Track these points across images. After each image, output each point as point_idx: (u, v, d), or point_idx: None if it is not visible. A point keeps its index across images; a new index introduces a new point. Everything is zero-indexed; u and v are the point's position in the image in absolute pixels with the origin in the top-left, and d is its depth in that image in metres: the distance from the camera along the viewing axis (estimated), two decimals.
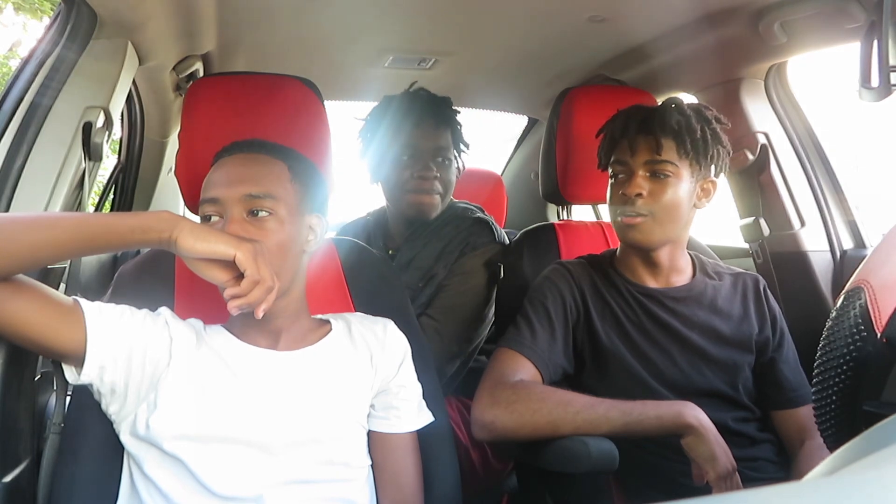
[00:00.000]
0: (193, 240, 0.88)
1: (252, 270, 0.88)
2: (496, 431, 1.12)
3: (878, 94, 0.98)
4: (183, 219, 0.90)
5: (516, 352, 1.20)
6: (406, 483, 1.06)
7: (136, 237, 0.89)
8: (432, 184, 1.60)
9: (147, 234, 0.88)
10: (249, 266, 0.88)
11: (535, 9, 1.58)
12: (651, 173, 1.22)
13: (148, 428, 0.93)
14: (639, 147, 1.22)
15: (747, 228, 1.72)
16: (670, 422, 1.05)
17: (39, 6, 5.55)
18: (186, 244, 0.88)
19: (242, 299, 0.88)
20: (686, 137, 1.22)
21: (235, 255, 0.88)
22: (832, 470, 0.39)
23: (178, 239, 0.88)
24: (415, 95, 1.66)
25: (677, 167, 1.22)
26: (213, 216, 0.96)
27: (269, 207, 0.96)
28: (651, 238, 1.23)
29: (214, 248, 0.88)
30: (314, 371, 1.02)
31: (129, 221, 0.89)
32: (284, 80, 1.29)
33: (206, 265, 0.90)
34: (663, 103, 1.28)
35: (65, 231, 0.87)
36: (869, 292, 0.57)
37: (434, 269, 1.63)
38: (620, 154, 1.25)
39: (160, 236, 0.88)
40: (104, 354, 0.92)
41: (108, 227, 0.89)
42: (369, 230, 1.79)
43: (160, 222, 0.89)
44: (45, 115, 1.18)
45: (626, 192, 1.22)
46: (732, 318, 1.28)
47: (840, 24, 1.35)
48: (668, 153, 1.21)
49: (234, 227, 0.93)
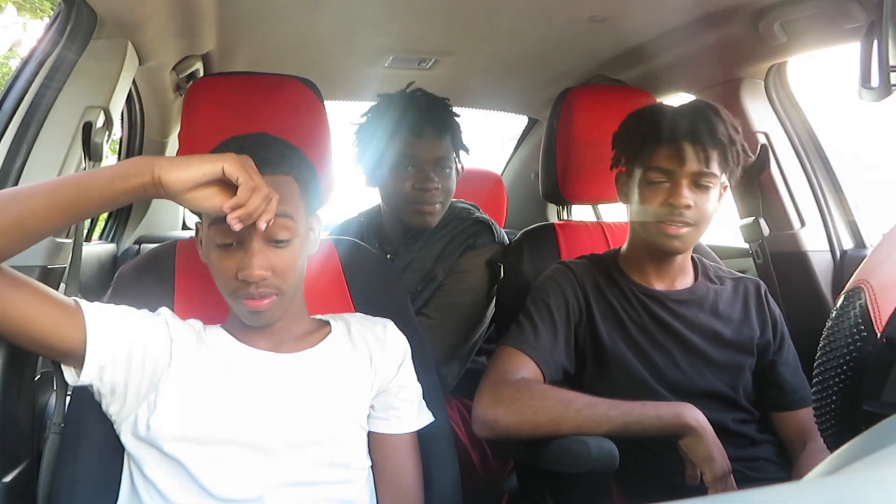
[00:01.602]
0: (177, 171, 0.85)
1: (244, 178, 0.86)
2: (498, 430, 1.12)
3: (878, 94, 0.98)
4: (158, 157, 0.88)
5: (518, 350, 1.20)
6: (406, 483, 1.06)
7: (118, 186, 0.86)
8: (433, 194, 1.57)
9: (128, 181, 0.86)
10: (241, 174, 0.86)
11: (535, 9, 1.58)
12: (695, 183, 1.20)
13: (148, 429, 0.93)
14: (687, 156, 1.19)
15: (747, 228, 1.72)
16: (670, 422, 1.05)
17: (40, 6, 5.55)
18: (172, 177, 0.85)
19: (242, 209, 0.85)
20: (729, 150, 1.20)
21: (223, 168, 0.86)
22: (832, 470, 0.39)
23: (162, 176, 0.85)
24: (412, 100, 1.62)
25: (717, 177, 1.21)
26: (232, 242, 0.93)
27: (287, 232, 0.94)
28: (689, 245, 1.23)
29: (201, 169, 0.86)
30: (314, 373, 1.02)
31: (106, 173, 0.87)
32: (284, 80, 1.29)
33: (202, 196, 0.87)
34: (702, 107, 1.24)
35: (46, 196, 0.86)
36: (869, 292, 0.57)
37: (433, 272, 1.62)
38: (663, 161, 1.20)
39: (143, 180, 0.85)
40: (104, 354, 0.91)
41: (88, 184, 0.87)
42: (362, 232, 1.76)
43: (137, 166, 0.86)
44: (45, 115, 1.18)
45: (675, 202, 1.18)
46: (733, 322, 1.28)
47: (840, 24, 1.35)
48: (714, 165, 1.19)
49: (258, 260, 0.91)
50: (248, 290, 0.93)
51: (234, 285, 0.94)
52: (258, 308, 0.94)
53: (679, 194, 1.18)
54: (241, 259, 0.93)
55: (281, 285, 0.95)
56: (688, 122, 1.20)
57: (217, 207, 0.87)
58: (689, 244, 1.23)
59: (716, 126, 1.20)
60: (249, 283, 0.92)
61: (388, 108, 1.62)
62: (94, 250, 2.07)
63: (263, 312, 0.95)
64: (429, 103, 1.62)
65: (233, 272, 0.93)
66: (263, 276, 0.92)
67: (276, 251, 0.94)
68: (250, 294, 0.93)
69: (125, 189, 0.86)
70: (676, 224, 1.19)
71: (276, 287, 0.94)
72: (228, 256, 0.94)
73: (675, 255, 1.26)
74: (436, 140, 1.58)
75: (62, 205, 0.86)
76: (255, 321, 0.98)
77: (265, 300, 0.94)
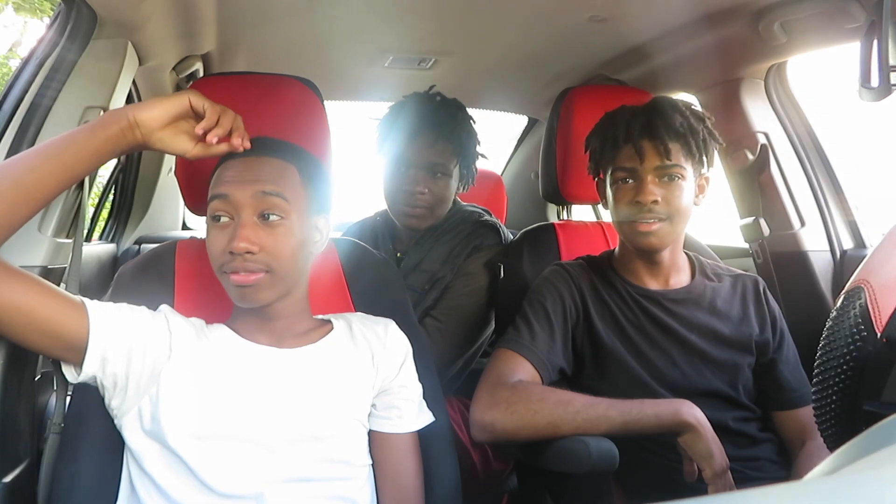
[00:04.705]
0: (149, 110, 0.93)
1: (208, 103, 0.96)
2: (496, 433, 1.12)
3: (878, 94, 0.98)
4: (130, 105, 0.96)
5: (515, 352, 1.20)
6: (406, 483, 1.06)
7: (99, 136, 0.92)
8: (418, 199, 1.60)
9: (107, 129, 0.92)
10: (205, 102, 0.96)
11: (535, 9, 1.58)
12: (660, 177, 1.21)
13: (153, 421, 0.93)
14: (646, 152, 1.21)
15: (747, 228, 1.72)
16: (668, 420, 1.05)
17: (39, 6, 5.56)
18: (144, 115, 0.93)
19: (216, 128, 0.95)
20: (691, 139, 1.22)
21: (189, 98, 0.95)
22: (832, 470, 0.39)
23: (136, 115, 0.92)
24: (424, 102, 1.64)
25: (684, 169, 1.22)
26: (223, 216, 0.96)
27: (280, 210, 0.96)
28: (666, 241, 1.23)
29: (170, 103, 0.95)
30: (315, 369, 1.02)
31: (87, 126, 0.93)
32: (284, 80, 1.29)
33: (173, 136, 0.96)
34: (659, 103, 1.26)
35: (34, 157, 0.91)
36: (869, 292, 0.57)
37: (440, 273, 1.64)
38: (625, 161, 1.23)
39: (120, 125, 0.92)
40: (106, 345, 0.92)
41: (69, 137, 0.92)
42: (378, 231, 1.79)
43: (113, 114, 0.93)
44: (45, 115, 1.18)
45: (641, 199, 1.19)
46: (732, 320, 1.28)
47: (840, 23, 1.35)
48: (677, 157, 1.21)
49: (246, 232, 0.93)
50: (234, 264, 0.94)
51: (222, 259, 0.95)
52: (244, 283, 0.94)
53: (643, 191, 1.20)
54: (231, 232, 0.95)
55: (271, 263, 0.95)
56: (644, 119, 1.23)
57: (186, 147, 0.97)
58: (665, 240, 1.22)
59: (671, 119, 1.21)
60: (236, 256, 0.93)
61: (401, 106, 1.66)
62: (94, 250, 2.07)
63: (249, 288, 0.95)
64: (435, 108, 1.63)
65: (223, 246, 0.95)
66: (249, 248, 0.93)
67: (266, 228, 0.95)
68: (236, 268, 0.94)
69: (106, 137, 0.92)
70: (647, 220, 1.20)
71: (265, 264, 0.95)
72: (220, 231, 0.96)
73: (653, 252, 1.25)
74: (430, 145, 1.59)
75: (51, 158, 0.91)
76: (242, 299, 0.97)
77: (252, 276, 0.94)
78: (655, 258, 1.27)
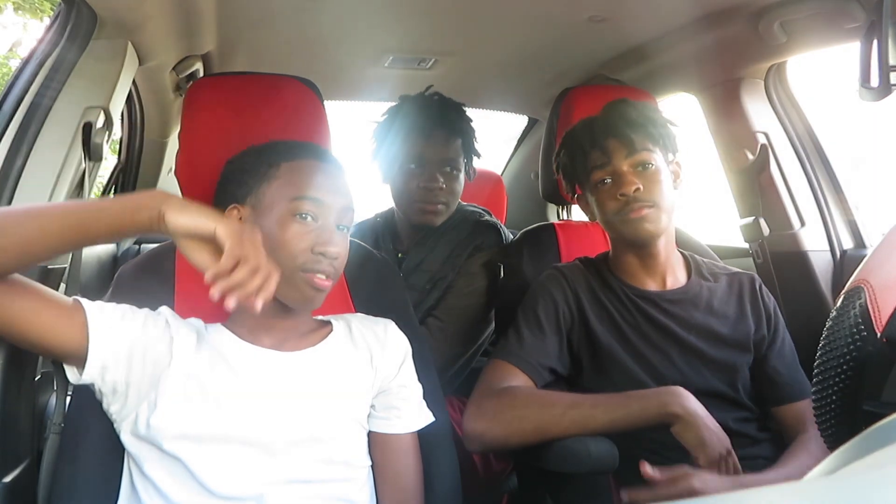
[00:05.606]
0: (178, 213, 0.83)
1: (232, 244, 0.81)
2: (486, 442, 1.14)
3: (878, 94, 0.98)
4: (173, 195, 0.86)
5: (504, 361, 1.22)
6: (406, 483, 1.06)
7: (128, 218, 0.84)
8: (437, 194, 1.61)
9: (138, 214, 0.84)
10: (230, 239, 0.81)
11: (535, 9, 1.58)
12: (634, 167, 1.23)
13: (148, 427, 0.93)
14: (615, 149, 1.24)
15: (747, 228, 1.72)
16: (654, 412, 1.05)
17: (39, 6, 5.56)
18: (171, 218, 0.82)
19: (224, 282, 0.80)
20: (651, 128, 1.26)
21: (215, 229, 0.82)
22: (832, 470, 0.39)
23: (166, 213, 0.82)
24: (428, 101, 1.67)
25: (654, 153, 1.25)
26: (310, 217, 0.98)
27: (349, 221, 1.02)
28: (660, 226, 1.23)
29: (196, 220, 0.83)
30: (315, 371, 1.02)
31: (121, 201, 0.86)
32: (284, 80, 1.29)
33: (195, 247, 0.84)
34: (613, 104, 1.30)
35: (53, 220, 0.85)
36: (869, 292, 0.57)
37: (441, 273, 1.65)
38: (596, 161, 1.26)
39: (150, 214, 0.83)
40: (106, 354, 0.91)
41: (99, 211, 0.86)
42: (378, 232, 1.80)
43: (151, 199, 0.84)
44: (45, 115, 1.18)
45: (624, 191, 1.21)
46: (729, 319, 1.28)
47: (840, 23, 1.35)
48: (644, 144, 1.24)
49: (332, 236, 0.98)
50: (322, 266, 0.97)
51: (305, 258, 0.96)
52: (324, 286, 0.98)
53: (624, 182, 1.22)
54: (319, 234, 0.97)
55: (340, 271, 1.01)
56: (603, 122, 1.28)
57: (205, 264, 0.83)
58: (658, 225, 1.23)
59: (627, 114, 1.26)
60: (324, 259, 0.96)
61: (404, 108, 1.67)
62: (94, 250, 2.06)
63: (323, 293, 0.99)
64: (442, 106, 1.66)
65: (308, 245, 0.96)
66: (342, 253, 0.99)
67: (344, 236, 1.01)
68: (324, 270, 0.97)
69: (133, 221, 0.85)
70: (637, 207, 1.21)
71: (336, 272, 1.00)
72: (306, 229, 0.98)
73: (649, 240, 1.24)
74: (444, 142, 1.63)
75: (72, 227, 0.85)
76: (311, 301, 1.00)
77: (330, 280, 0.98)
78: (651, 251, 1.27)
